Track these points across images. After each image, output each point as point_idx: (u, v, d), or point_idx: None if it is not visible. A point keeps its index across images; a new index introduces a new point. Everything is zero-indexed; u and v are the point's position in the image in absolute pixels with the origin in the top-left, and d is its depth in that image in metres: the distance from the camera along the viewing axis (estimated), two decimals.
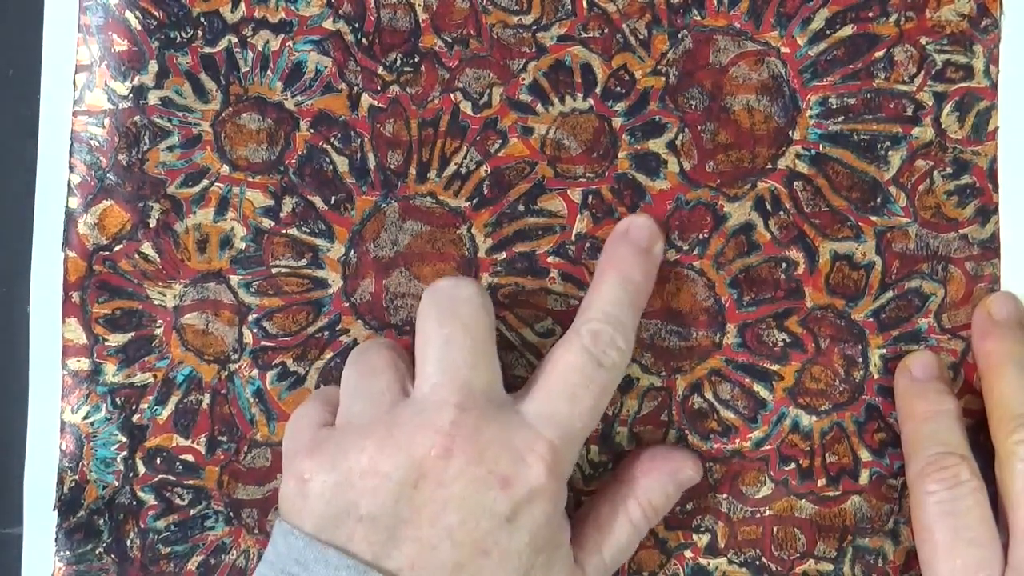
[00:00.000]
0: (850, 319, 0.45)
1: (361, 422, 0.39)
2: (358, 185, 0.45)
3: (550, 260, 0.45)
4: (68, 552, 0.44)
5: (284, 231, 0.45)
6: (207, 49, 0.45)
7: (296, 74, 0.45)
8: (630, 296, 0.42)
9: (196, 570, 0.44)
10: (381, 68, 0.45)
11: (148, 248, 0.45)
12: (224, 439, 0.45)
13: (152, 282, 0.45)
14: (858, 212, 0.45)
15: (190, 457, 0.44)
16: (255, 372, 0.45)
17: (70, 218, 0.45)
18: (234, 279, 0.45)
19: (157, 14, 0.45)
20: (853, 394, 0.44)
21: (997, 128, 0.45)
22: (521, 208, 0.45)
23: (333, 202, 0.45)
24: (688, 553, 0.44)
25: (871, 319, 0.45)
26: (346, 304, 0.45)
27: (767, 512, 0.44)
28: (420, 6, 0.45)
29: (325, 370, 0.45)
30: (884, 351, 0.44)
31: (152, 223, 0.45)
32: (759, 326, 0.45)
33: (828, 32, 0.45)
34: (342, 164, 0.45)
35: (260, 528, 0.44)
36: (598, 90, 0.45)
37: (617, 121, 0.45)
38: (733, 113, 0.45)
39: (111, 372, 0.45)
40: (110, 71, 0.45)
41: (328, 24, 0.45)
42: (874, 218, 0.45)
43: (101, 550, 0.45)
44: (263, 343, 0.45)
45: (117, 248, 0.45)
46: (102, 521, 0.45)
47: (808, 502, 0.44)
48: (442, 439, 0.38)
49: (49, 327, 0.45)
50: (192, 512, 0.44)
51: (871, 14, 0.45)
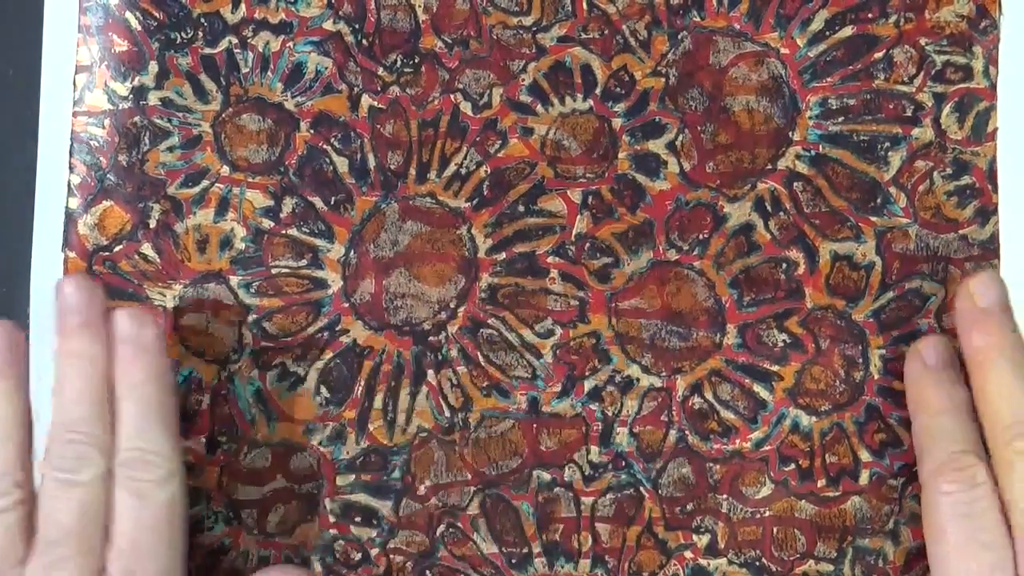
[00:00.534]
0: (850, 319, 0.45)
1: None
2: (358, 185, 0.45)
3: (550, 260, 0.45)
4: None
5: (284, 231, 0.45)
6: (207, 50, 0.45)
7: (296, 75, 0.45)
8: None
9: (196, 571, 0.44)
10: (381, 69, 0.45)
11: (148, 249, 0.45)
12: (224, 439, 0.45)
13: (152, 283, 0.45)
14: (858, 212, 0.45)
15: (190, 457, 0.44)
16: (255, 372, 0.45)
17: (70, 218, 0.45)
18: (234, 279, 0.45)
19: (157, 15, 0.45)
20: (853, 395, 0.44)
21: (996, 129, 0.45)
22: (521, 208, 0.45)
23: (333, 202, 0.45)
24: (688, 554, 0.44)
25: (871, 319, 0.45)
26: (346, 304, 0.45)
27: (767, 513, 0.44)
28: (420, 7, 0.45)
29: (325, 370, 0.45)
30: (884, 351, 0.44)
31: (152, 224, 0.45)
32: (759, 326, 0.45)
33: (828, 33, 0.45)
34: (342, 165, 0.45)
35: (260, 529, 0.44)
36: (598, 91, 0.45)
37: (617, 122, 0.45)
38: (733, 114, 0.45)
39: None
40: (110, 71, 0.45)
41: (328, 25, 0.45)
42: (874, 218, 0.45)
43: None
44: (263, 343, 0.45)
45: (117, 249, 0.45)
46: None
47: (808, 503, 0.44)
48: None
49: (49, 327, 0.45)
50: (192, 512, 0.44)
51: (870, 15, 0.45)
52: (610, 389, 0.45)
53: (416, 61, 0.45)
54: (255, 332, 0.45)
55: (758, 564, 0.44)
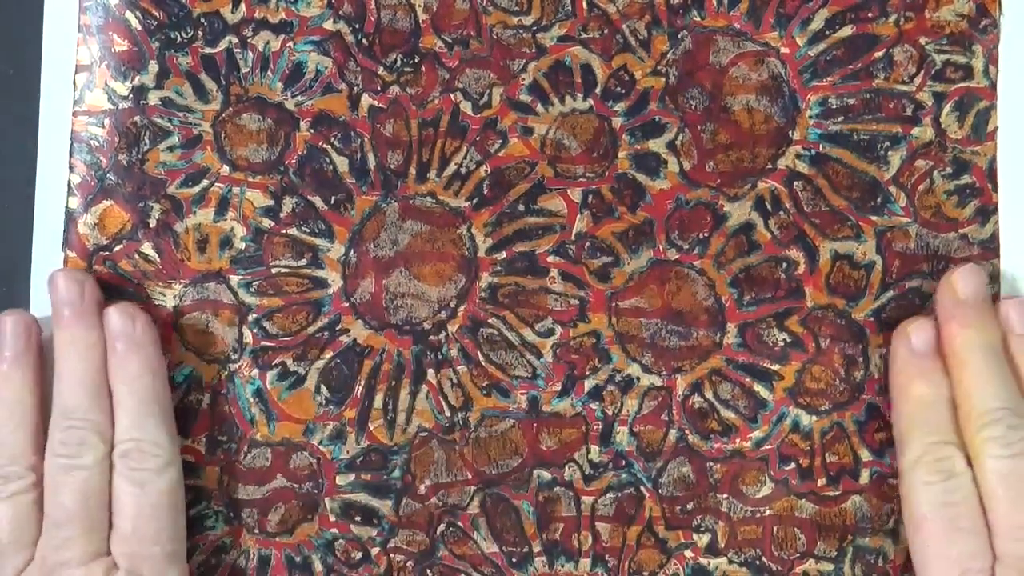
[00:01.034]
0: (850, 319, 0.45)
1: None
2: (358, 185, 0.45)
3: (550, 260, 0.45)
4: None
5: (284, 231, 0.45)
6: (207, 49, 0.45)
7: (296, 74, 0.45)
8: None
9: (196, 570, 0.44)
10: (381, 68, 0.45)
11: (148, 248, 0.45)
12: (224, 439, 0.45)
13: (152, 282, 0.45)
14: (858, 212, 0.45)
15: (190, 457, 0.44)
16: (255, 372, 0.45)
17: (70, 218, 0.45)
18: (234, 279, 0.45)
19: (157, 14, 0.45)
20: (853, 394, 0.44)
21: (996, 128, 0.45)
22: (521, 208, 0.45)
23: (333, 202, 0.45)
24: (688, 553, 0.44)
25: (871, 319, 0.45)
26: (346, 304, 0.45)
27: (767, 512, 0.44)
28: (420, 7, 0.45)
29: (325, 370, 0.45)
30: (884, 351, 0.44)
31: (152, 223, 0.45)
32: (759, 326, 0.45)
33: (828, 32, 0.45)
34: (342, 164, 0.45)
35: (260, 528, 0.44)
36: (598, 90, 0.45)
37: (617, 121, 0.45)
38: (733, 113, 0.45)
39: None
40: (110, 71, 0.45)
41: (328, 25, 0.45)
42: (874, 218, 0.45)
43: None
44: (263, 343, 0.45)
45: (117, 248, 0.45)
46: None
47: (808, 502, 0.44)
48: None
49: (49, 327, 0.45)
50: (192, 512, 0.44)
51: (870, 14, 0.45)
52: (610, 388, 0.45)
53: (416, 61, 0.45)
54: (255, 332, 0.45)
55: (758, 563, 0.44)
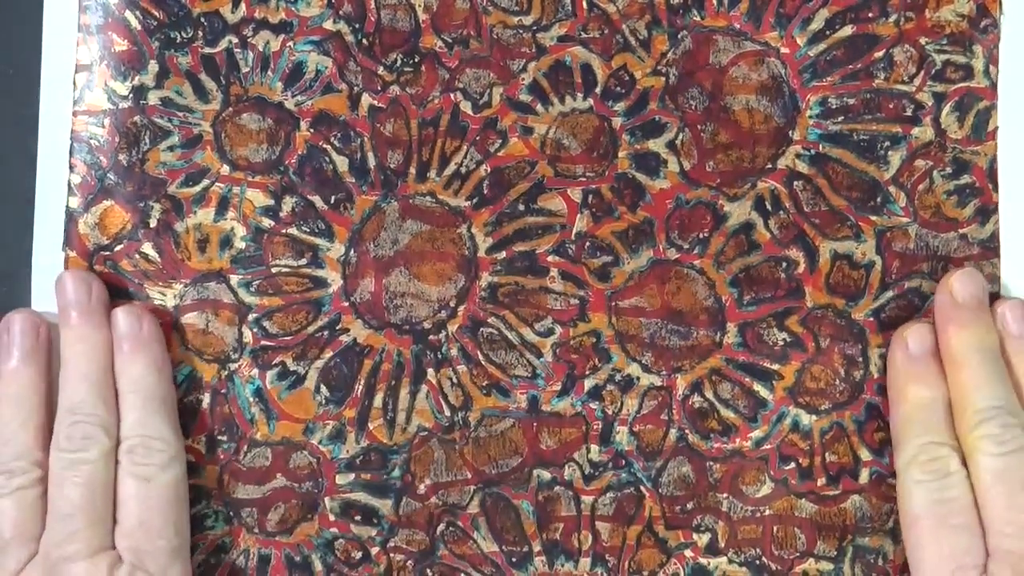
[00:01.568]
0: (850, 318, 0.45)
1: None
2: (358, 185, 0.45)
3: (550, 259, 0.45)
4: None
5: (284, 231, 0.45)
6: (207, 49, 0.45)
7: (296, 74, 0.45)
8: None
9: (196, 569, 0.44)
10: (381, 68, 0.45)
11: (148, 248, 0.45)
12: (224, 439, 0.45)
13: (152, 282, 0.45)
14: (858, 212, 0.45)
15: (190, 457, 0.44)
16: (255, 372, 0.45)
17: (70, 218, 0.45)
18: (234, 279, 0.45)
19: (157, 14, 0.45)
20: (853, 393, 0.44)
21: (997, 128, 0.45)
22: (521, 207, 0.45)
23: (333, 202, 0.45)
24: (688, 552, 0.44)
25: (871, 318, 0.45)
26: (346, 303, 0.45)
27: (767, 511, 0.44)
28: (420, 7, 0.45)
29: (325, 370, 0.45)
30: (884, 351, 0.44)
31: (152, 223, 0.45)
32: (759, 325, 0.45)
33: (828, 32, 0.45)
34: (342, 164, 0.45)
35: (260, 528, 0.44)
36: (598, 90, 0.45)
37: (617, 121, 0.45)
38: (733, 113, 0.45)
39: None
40: (110, 71, 0.45)
41: (328, 25, 0.45)
42: (874, 218, 0.45)
43: None
44: (263, 342, 0.45)
45: (117, 248, 0.45)
46: None
47: (808, 501, 0.44)
48: None
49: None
50: (192, 511, 0.44)
51: (871, 14, 0.45)
52: (610, 388, 0.45)
53: (416, 60, 0.45)
54: (255, 331, 0.45)
55: (758, 563, 0.44)
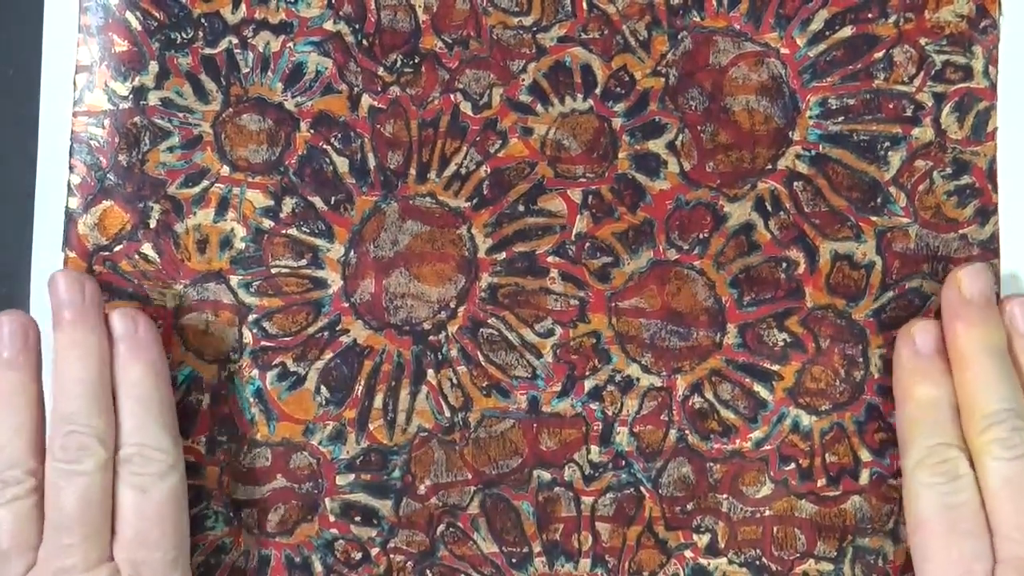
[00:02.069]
0: (850, 319, 0.45)
1: None
2: (358, 185, 0.45)
3: (550, 260, 0.45)
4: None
5: (284, 231, 0.45)
6: (208, 50, 0.45)
7: (296, 75, 0.45)
8: None
9: (196, 570, 0.44)
10: (381, 69, 0.45)
11: (148, 248, 0.45)
12: (224, 439, 0.45)
13: (152, 282, 0.45)
14: (858, 212, 0.45)
15: (190, 457, 0.44)
16: (255, 372, 0.45)
17: (70, 218, 0.45)
18: (234, 279, 0.45)
19: (157, 15, 0.45)
20: (853, 394, 0.44)
21: (996, 128, 0.45)
22: (521, 208, 0.45)
23: (333, 202, 0.45)
24: (688, 553, 0.44)
25: (872, 319, 0.45)
26: (346, 304, 0.45)
27: (767, 512, 0.44)
28: (420, 7, 0.45)
29: (325, 370, 0.45)
30: (884, 351, 0.44)
31: (152, 223, 0.45)
32: (759, 326, 0.45)
33: (827, 33, 0.45)
34: (342, 164, 0.45)
35: (260, 528, 0.44)
36: (598, 91, 0.45)
37: (617, 122, 0.45)
38: (733, 114, 0.45)
39: None
40: (110, 71, 0.45)
41: (328, 25, 0.45)
42: (874, 218, 0.45)
43: None
44: (263, 343, 0.45)
45: (117, 248, 0.45)
46: None
47: (808, 502, 0.44)
48: None
49: (49, 327, 0.45)
50: (192, 512, 0.44)
51: (870, 15, 0.45)
52: (610, 389, 0.45)
53: (416, 61, 0.45)
54: (255, 332, 0.45)
55: (758, 563, 0.44)
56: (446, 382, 0.45)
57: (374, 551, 0.44)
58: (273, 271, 0.45)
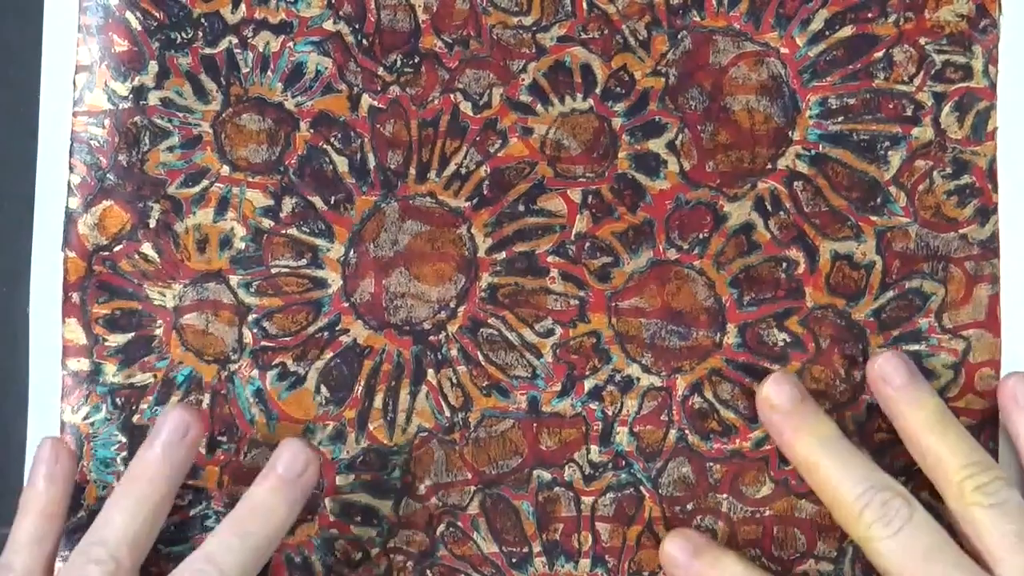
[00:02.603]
0: (850, 319, 0.45)
1: None
2: (358, 185, 0.45)
3: (550, 260, 0.45)
4: (69, 552, 0.44)
5: (284, 231, 0.45)
6: (207, 50, 0.45)
7: (296, 75, 0.45)
8: None
9: None
10: (381, 69, 0.45)
11: (148, 248, 0.45)
12: (224, 439, 0.45)
13: (152, 282, 0.45)
14: (858, 212, 0.45)
15: None
16: (255, 372, 0.45)
17: (70, 218, 0.45)
18: (234, 279, 0.45)
19: (157, 15, 0.45)
20: (853, 394, 0.44)
21: (996, 128, 0.45)
22: (521, 208, 0.45)
23: (333, 202, 0.45)
24: None
25: (872, 319, 0.45)
26: (346, 304, 0.45)
27: (767, 512, 0.44)
28: (420, 7, 0.45)
29: (325, 370, 0.45)
30: (884, 351, 0.44)
31: (152, 223, 0.45)
32: (759, 326, 0.45)
33: (827, 33, 0.45)
34: (342, 164, 0.45)
35: None
36: (598, 90, 0.45)
37: (617, 121, 0.45)
38: (733, 113, 0.45)
39: (111, 372, 0.45)
40: (110, 71, 0.45)
41: (328, 25, 0.45)
42: (874, 218, 0.45)
43: None
44: (263, 343, 0.45)
45: (117, 248, 0.45)
46: None
47: (808, 502, 0.44)
48: None
49: (49, 327, 0.45)
50: (192, 512, 0.44)
51: (870, 15, 0.45)
52: (610, 388, 0.45)
53: (416, 61, 0.45)
54: (255, 332, 0.45)
55: (758, 563, 0.44)
56: (446, 382, 0.45)
57: (374, 551, 0.44)
58: (273, 271, 0.45)
